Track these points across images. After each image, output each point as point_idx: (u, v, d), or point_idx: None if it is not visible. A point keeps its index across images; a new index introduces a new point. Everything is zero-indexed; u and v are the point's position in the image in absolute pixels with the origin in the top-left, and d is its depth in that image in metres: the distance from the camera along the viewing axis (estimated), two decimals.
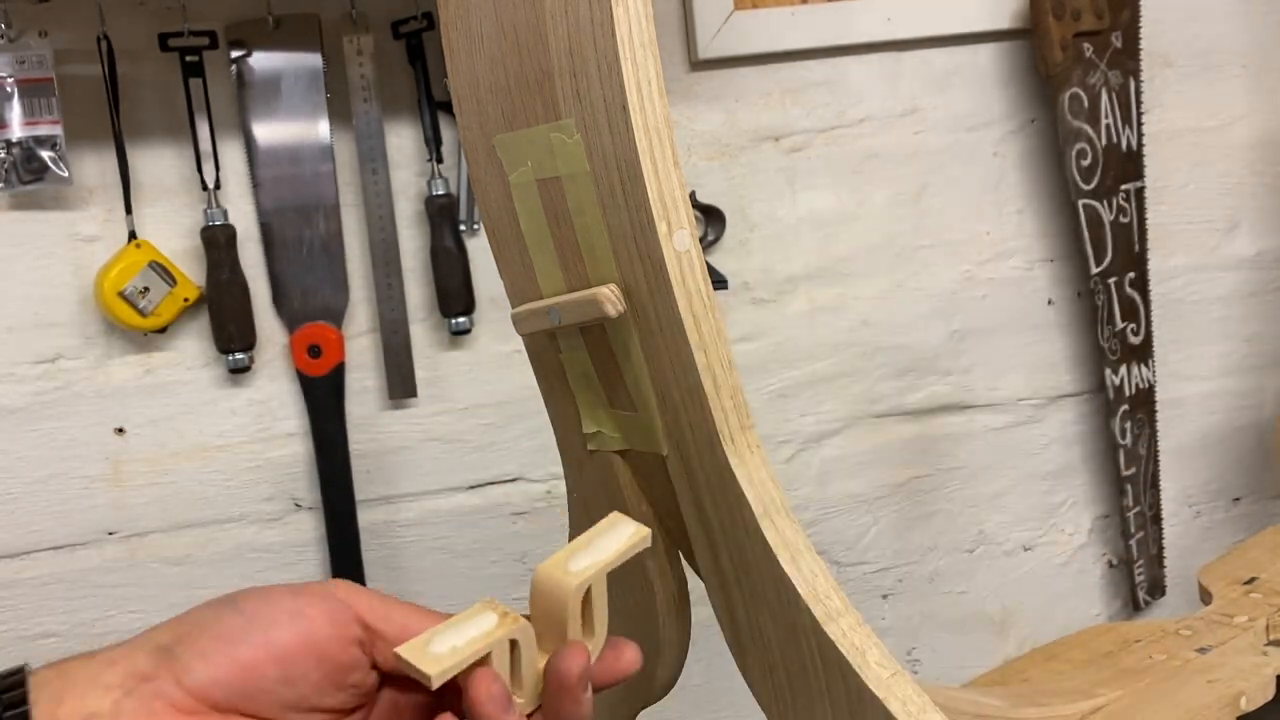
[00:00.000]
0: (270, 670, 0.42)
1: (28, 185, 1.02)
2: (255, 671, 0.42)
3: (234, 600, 0.44)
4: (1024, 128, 1.32)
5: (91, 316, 1.09)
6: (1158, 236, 1.37)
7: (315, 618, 0.43)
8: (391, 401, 1.17)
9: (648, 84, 0.47)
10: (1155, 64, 1.35)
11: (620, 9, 0.46)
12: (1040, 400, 1.37)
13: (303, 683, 0.43)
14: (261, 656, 0.42)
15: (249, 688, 0.42)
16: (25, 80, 1.01)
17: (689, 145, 1.22)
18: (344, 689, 0.44)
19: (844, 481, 1.32)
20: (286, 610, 0.43)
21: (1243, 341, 1.44)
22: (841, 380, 1.30)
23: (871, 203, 1.28)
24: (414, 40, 1.12)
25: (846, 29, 1.24)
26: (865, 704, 0.49)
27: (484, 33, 0.55)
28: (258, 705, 0.42)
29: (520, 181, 0.54)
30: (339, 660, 0.44)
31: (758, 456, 0.53)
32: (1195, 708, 0.83)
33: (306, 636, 0.43)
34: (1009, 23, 1.28)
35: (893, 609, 1.35)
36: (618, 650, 0.46)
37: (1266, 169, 1.42)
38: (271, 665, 0.42)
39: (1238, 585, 1.00)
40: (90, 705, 0.40)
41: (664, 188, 0.48)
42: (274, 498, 1.16)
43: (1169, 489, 1.42)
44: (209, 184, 1.09)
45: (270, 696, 0.42)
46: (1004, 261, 1.33)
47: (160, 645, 0.42)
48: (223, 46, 1.08)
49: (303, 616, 0.43)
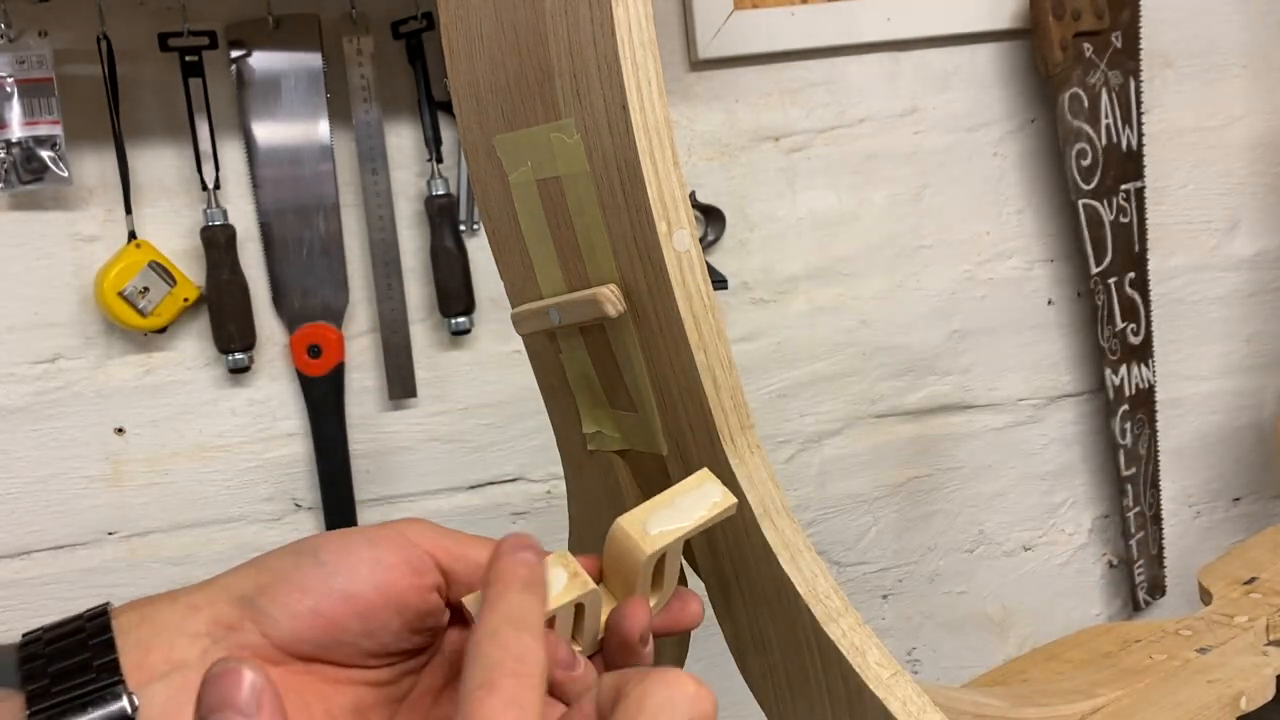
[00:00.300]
0: (353, 624, 0.42)
1: (27, 185, 1.02)
2: (338, 625, 0.41)
3: (315, 549, 0.43)
4: (1024, 128, 1.32)
5: (91, 316, 1.09)
6: (1158, 236, 1.37)
7: (395, 566, 0.42)
8: (391, 401, 1.17)
9: (648, 84, 0.47)
10: (1155, 64, 1.35)
11: (620, 9, 0.46)
12: (1040, 400, 1.37)
13: (383, 632, 0.42)
14: (344, 610, 0.42)
15: (332, 640, 0.42)
16: (25, 80, 1.01)
17: (689, 145, 1.22)
18: (421, 633, 0.44)
19: (844, 481, 1.32)
20: (367, 561, 0.42)
21: (1242, 341, 1.44)
22: (841, 380, 1.30)
23: (871, 203, 1.28)
24: (414, 40, 1.12)
25: (846, 29, 1.24)
26: (865, 704, 0.49)
27: (484, 33, 0.55)
28: (339, 655, 0.42)
29: (520, 181, 0.54)
30: (419, 608, 0.43)
31: (758, 456, 0.53)
32: (1195, 708, 0.83)
33: (387, 588, 0.42)
34: (1009, 23, 1.28)
35: (893, 609, 1.35)
36: (684, 601, 0.46)
37: (1266, 169, 1.42)
38: (354, 619, 0.42)
39: (1238, 585, 1.00)
40: (178, 654, 0.40)
41: (664, 188, 0.47)
42: (274, 498, 1.16)
43: (1169, 489, 1.42)
44: (209, 184, 1.09)
45: (352, 647, 0.42)
46: (1004, 261, 1.33)
47: (243, 594, 0.42)
48: (222, 46, 1.08)
49: (382, 566, 0.42)
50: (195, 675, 0.38)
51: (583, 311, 0.53)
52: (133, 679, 0.38)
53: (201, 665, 0.38)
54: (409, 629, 0.43)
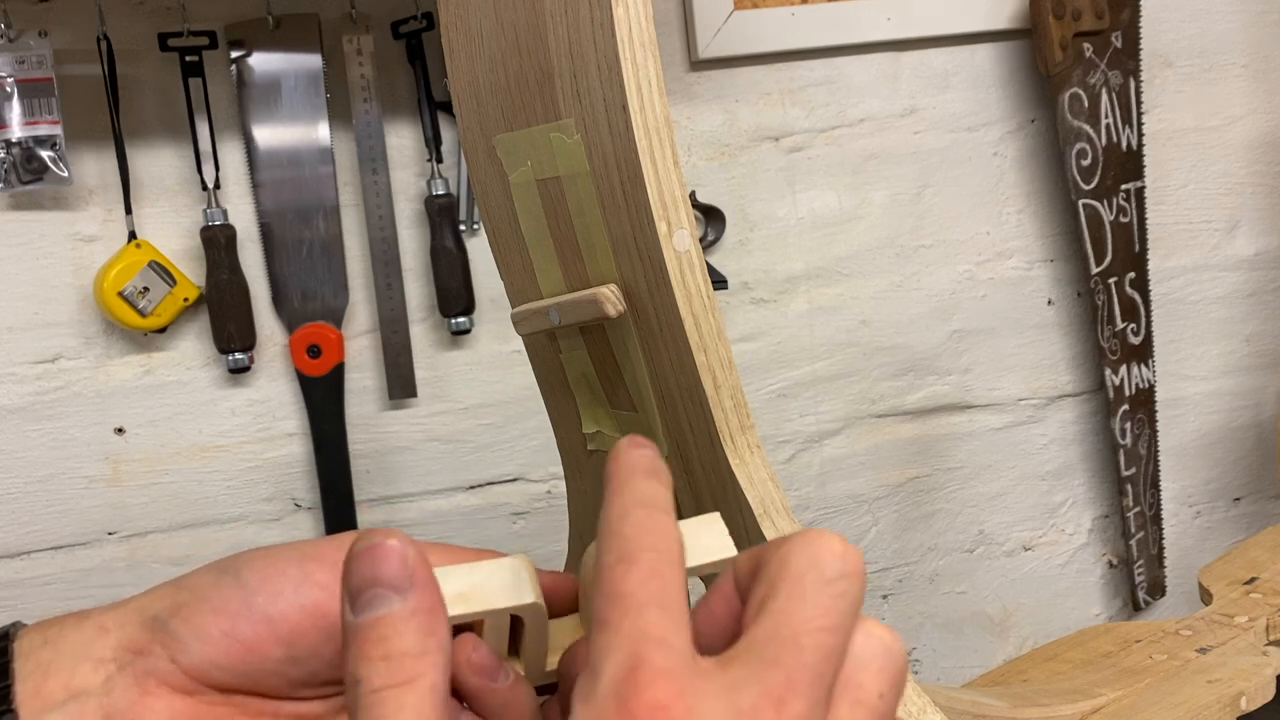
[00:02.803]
0: (274, 650, 0.37)
1: (27, 185, 1.02)
2: (257, 652, 0.37)
3: (236, 568, 0.38)
4: (1024, 127, 1.32)
5: (91, 316, 1.09)
6: (1158, 236, 1.37)
7: (327, 584, 0.38)
8: (391, 401, 1.17)
9: (648, 84, 0.47)
10: (1155, 64, 1.35)
11: (620, 9, 0.46)
12: (1040, 400, 1.37)
13: (312, 660, 0.38)
14: (264, 634, 0.37)
15: (252, 667, 0.37)
16: (25, 80, 1.01)
17: (689, 145, 1.22)
18: None
19: (844, 481, 1.32)
20: (293, 579, 0.38)
21: (1242, 341, 1.44)
22: (841, 380, 1.30)
23: (871, 203, 1.28)
24: (414, 40, 1.12)
25: (846, 29, 1.24)
26: None
27: (484, 33, 0.55)
28: (263, 686, 0.38)
29: (520, 181, 0.54)
30: None
31: (758, 457, 0.53)
32: (1195, 708, 0.83)
33: (314, 609, 0.37)
34: (1009, 22, 1.28)
35: (893, 609, 1.35)
36: None
37: (1266, 169, 1.42)
38: (275, 645, 0.37)
39: (1238, 585, 1.00)
40: (79, 681, 0.36)
41: (664, 188, 0.47)
42: (273, 498, 1.16)
43: (1169, 489, 1.42)
44: (209, 184, 1.08)
45: (277, 677, 0.38)
46: (1004, 261, 1.33)
47: (154, 616, 0.38)
48: (222, 46, 1.08)
49: (311, 583, 0.38)
50: (96, 704, 0.35)
51: (583, 311, 0.53)
52: (26, 708, 0.35)
53: (104, 693, 0.36)
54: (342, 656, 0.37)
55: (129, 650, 0.37)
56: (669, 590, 0.30)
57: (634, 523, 0.32)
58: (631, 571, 0.30)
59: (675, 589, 0.30)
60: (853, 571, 0.30)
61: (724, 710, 0.28)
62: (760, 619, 0.30)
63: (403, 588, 0.32)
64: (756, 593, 0.31)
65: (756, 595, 0.31)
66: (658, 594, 0.30)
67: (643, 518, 0.32)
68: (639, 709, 0.27)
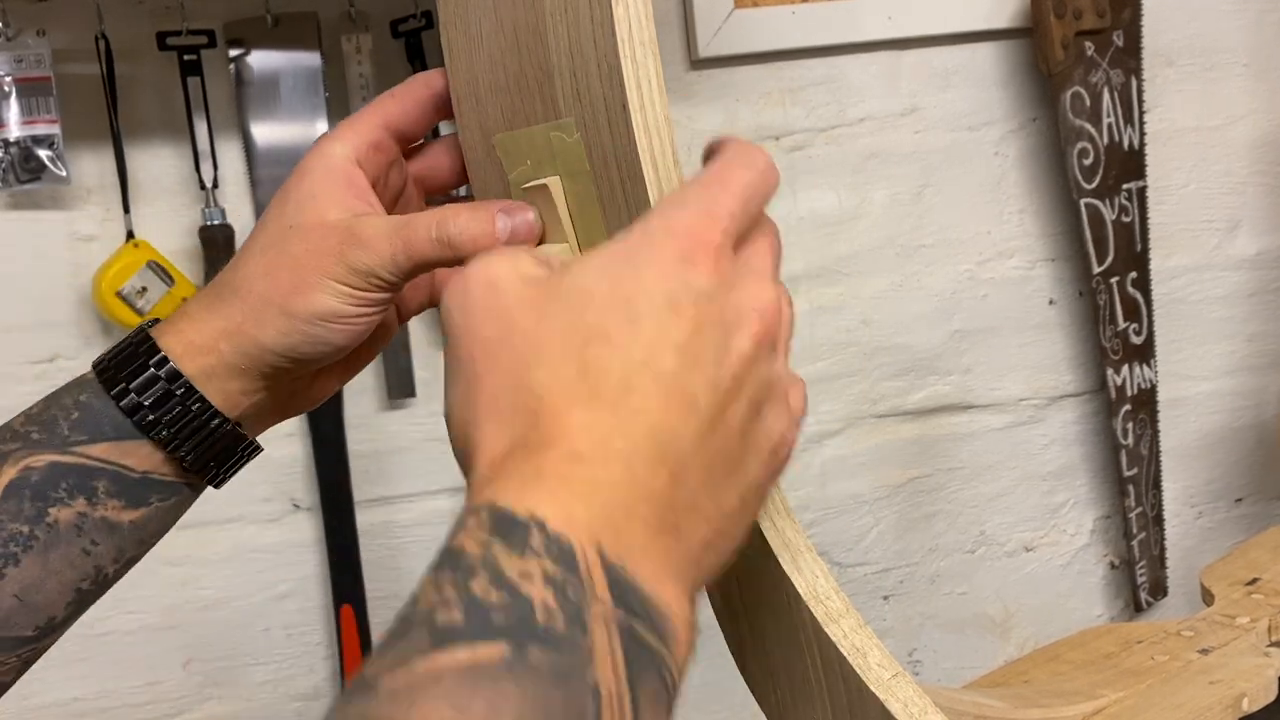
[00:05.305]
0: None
1: (25, 185, 1.02)
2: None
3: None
4: (1025, 127, 1.32)
5: (89, 316, 1.09)
6: (1159, 236, 1.36)
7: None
8: (390, 401, 1.17)
9: (648, 84, 0.47)
10: (1157, 63, 1.34)
11: (620, 8, 0.46)
12: (1041, 400, 1.37)
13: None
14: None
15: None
16: (23, 79, 1.01)
17: (689, 145, 1.22)
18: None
19: (845, 482, 1.31)
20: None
21: (1245, 341, 1.44)
22: (842, 380, 1.30)
23: (872, 202, 1.28)
24: (413, 39, 1.11)
25: (847, 28, 1.23)
26: (866, 705, 0.49)
27: (483, 32, 0.54)
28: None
29: (520, 181, 0.54)
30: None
31: None
32: (1197, 709, 0.82)
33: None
34: (1010, 21, 1.28)
35: (894, 610, 1.35)
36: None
37: (1268, 168, 1.41)
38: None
39: (1240, 586, 1.00)
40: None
41: (664, 188, 0.47)
42: (272, 498, 1.16)
43: (1171, 489, 1.42)
44: (207, 183, 1.08)
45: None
46: (1005, 261, 1.33)
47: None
48: (221, 45, 1.08)
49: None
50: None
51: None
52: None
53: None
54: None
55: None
56: (755, 201, 0.41)
57: (750, 158, 0.42)
58: (740, 173, 0.41)
59: (757, 205, 0.41)
60: (769, 168, 0.42)
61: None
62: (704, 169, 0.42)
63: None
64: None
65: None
66: (742, 192, 0.40)
67: (755, 163, 0.42)
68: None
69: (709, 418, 0.36)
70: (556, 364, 0.36)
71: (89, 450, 0.48)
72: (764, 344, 0.38)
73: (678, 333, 0.36)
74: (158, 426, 0.49)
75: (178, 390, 0.49)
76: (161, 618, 1.14)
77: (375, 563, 1.18)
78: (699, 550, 0.37)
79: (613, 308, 0.36)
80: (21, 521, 0.47)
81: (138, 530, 0.50)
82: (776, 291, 0.40)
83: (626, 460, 0.34)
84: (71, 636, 1.17)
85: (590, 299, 0.37)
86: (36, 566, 0.47)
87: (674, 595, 0.35)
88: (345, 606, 1.15)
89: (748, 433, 0.38)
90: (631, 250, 0.38)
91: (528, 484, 0.34)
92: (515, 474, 0.35)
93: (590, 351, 0.35)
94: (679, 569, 0.36)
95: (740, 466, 0.38)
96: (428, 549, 1.20)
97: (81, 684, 1.13)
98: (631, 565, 0.33)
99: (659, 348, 0.36)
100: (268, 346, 0.50)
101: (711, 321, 0.37)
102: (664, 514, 0.35)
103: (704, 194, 0.40)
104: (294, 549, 1.16)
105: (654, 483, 0.35)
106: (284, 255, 0.50)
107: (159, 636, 1.14)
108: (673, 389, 0.36)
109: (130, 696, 1.14)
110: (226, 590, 1.15)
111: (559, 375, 0.36)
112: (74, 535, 0.48)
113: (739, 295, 0.38)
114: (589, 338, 0.36)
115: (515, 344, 0.37)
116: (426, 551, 1.20)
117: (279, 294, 0.50)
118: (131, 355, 0.50)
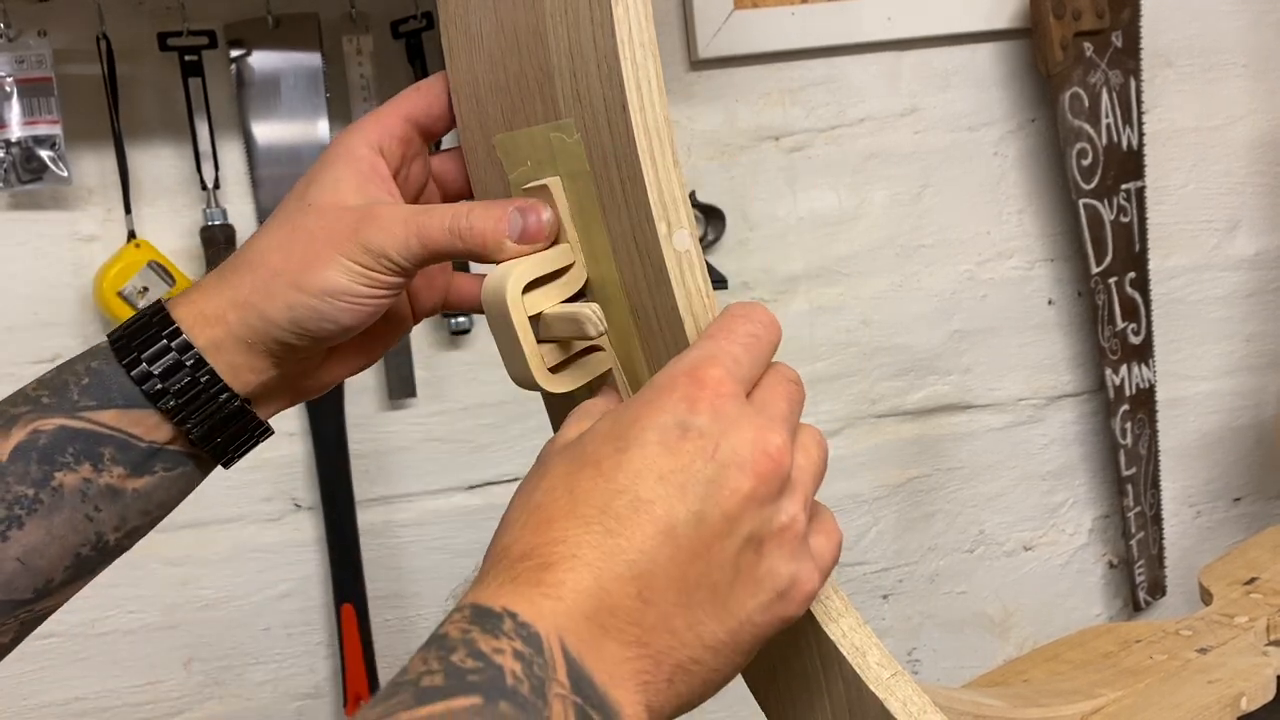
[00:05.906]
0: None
1: (27, 185, 1.02)
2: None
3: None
4: (1024, 127, 1.32)
5: (91, 316, 1.09)
6: (1158, 236, 1.36)
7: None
8: (391, 401, 1.17)
9: (648, 84, 0.47)
10: (1156, 63, 1.35)
11: (620, 9, 0.46)
12: (1040, 400, 1.37)
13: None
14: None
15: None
16: (25, 80, 1.01)
17: (689, 145, 1.22)
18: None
19: (844, 481, 1.31)
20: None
21: (1243, 341, 1.44)
22: (841, 380, 1.30)
23: (871, 203, 1.28)
24: (413, 40, 1.11)
25: (847, 28, 1.24)
26: (866, 704, 0.49)
27: (483, 32, 0.54)
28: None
29: (520, 181, 0.54)
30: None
31: None
32: (1195, 708, 0.83)
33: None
34: (1009, 22, 1.28)
35: (893, 609, 1.35)
36: None
37: (1267, 169, 1.41)
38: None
39: (1238, 585, 1.00)
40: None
41: (664, 188, 0.47)
42: (273, 498, 1.16)
43: (1169, 489, 1.42)
44: (208, 183, 1.08)
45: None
46: (1004, 261, 1.33)
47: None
48: (222, 46, 1.08)
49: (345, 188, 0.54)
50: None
51: (566, 327, 0.53)
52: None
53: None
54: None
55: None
56: (757, 347, 0.44)
57: (749, 311, 0.45)
58: (740, 323, 0.44)
59: (761, 350, 0.44)
60: (770, 321, 0.45)
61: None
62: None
63: None
64: None
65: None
66: (748, 341, 0.43)
67: (753, 316, 0.45)
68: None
69: (688, 547, 0.39)
70: (555, 489, 0.41)
71: (97, 416, 0.49)
72: (769, 484, 0.40)
73: (663, 464, 0.40)
74: (165, 396, 0.50)
75: (187, 361, 0.50)
76: (162, 617, 1.14)
77: (376, 562, 1.18)
78: (669, 670, 0.40)
79: (608, 440, 0.41)
80: (27, 484, 0.47)
81: (141, 499, 0.50)
82: (786, 435, 0.41)
83: (596, 573, 0.38)
84: (71, 636, 1.18)
85: (594, 435, 0.42)
86: (40, 530, 0.47)
87: (629, 700, 0.38)
88: (346, 606, 1.16)
89: (743, 569, 0.40)
90: (640, 395, 0.42)
91: (504, 586, 0.39)
92: (494, 579, 0.39)
93: (580, 476, 0.41)
94: (640, 680, 0.39)
95: (728, 601, 0.40)
96: (428, 548, 1.21)
97: (81, 684, 1.13)
98: (590, 662, 0.38)
99: (642, 476, 0.40)
100: (273, 320, 0.51)
101: (704, 457, 0.40)
102: (627, 627, 0.39)
103: (706, 343, 0.43)
104: (294, 548, 1.17)
105: (621, 598, 0.39)
106: (300, 230, 0.52)
107: (159, 636, 1.14)
108: (649, 516, 0.39)
109: (130, 696, 1.15)
110: (227, 590, 1.15)
111: (554, 497, 0.41)
112: (78, 500, 0.48)
113: (741, 435, 0.40)
114: (583, 465, 0.41)
115: (535, 478, 0.43)
116: (426, 551, 1.21)
117: (291, 267, 0.51)
118: (145, 325, 0.51)
